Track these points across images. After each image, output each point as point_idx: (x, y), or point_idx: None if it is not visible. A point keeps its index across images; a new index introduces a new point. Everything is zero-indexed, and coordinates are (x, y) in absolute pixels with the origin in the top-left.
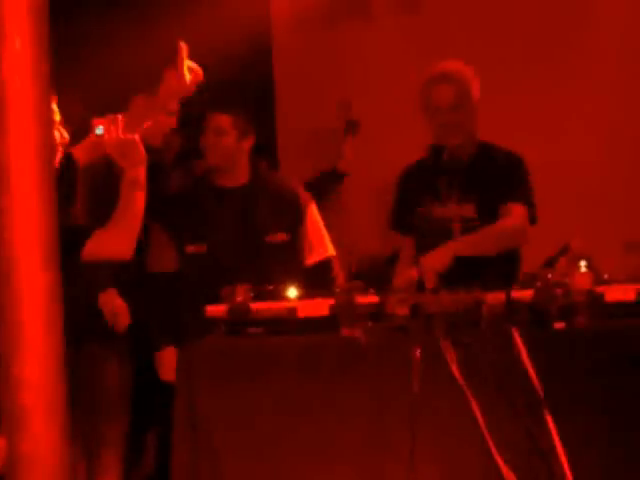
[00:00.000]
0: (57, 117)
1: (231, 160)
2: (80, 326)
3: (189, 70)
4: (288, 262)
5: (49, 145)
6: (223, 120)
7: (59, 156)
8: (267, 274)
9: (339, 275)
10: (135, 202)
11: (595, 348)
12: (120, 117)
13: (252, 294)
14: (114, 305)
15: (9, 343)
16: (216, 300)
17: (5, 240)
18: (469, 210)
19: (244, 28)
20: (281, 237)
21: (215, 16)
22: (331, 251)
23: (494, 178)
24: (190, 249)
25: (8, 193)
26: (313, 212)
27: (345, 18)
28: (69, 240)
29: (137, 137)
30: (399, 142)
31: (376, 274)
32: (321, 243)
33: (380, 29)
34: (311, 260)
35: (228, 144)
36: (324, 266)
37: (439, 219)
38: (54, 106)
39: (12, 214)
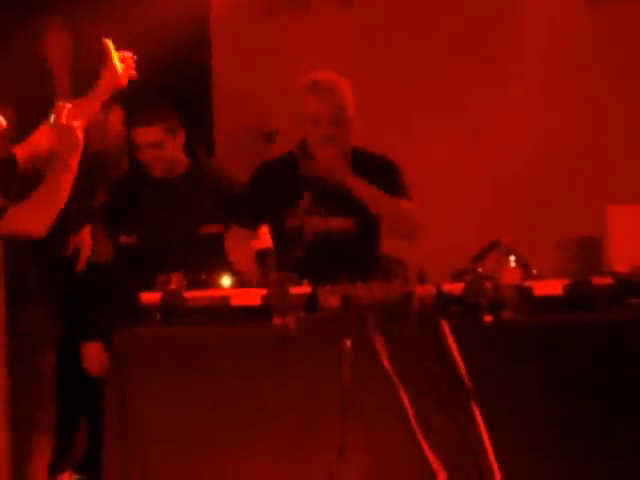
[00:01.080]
0: None
1: (171, 163)
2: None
3: (121, 61)
4: (222, 254)
5: None
6: (155, 132)
7: None
8: (200, 266)
9: (272, 267)
10: (60, 183)
11: (523, 341)
12: (67, 105)
13: (186, 282)
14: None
15: None
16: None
17: None
18: (344, 221)
19: (182, 18)
20: (216, 228)
21: (154, 6)
22: (268, 243)
23: (373, 182)
24: (123, 240)
25: None
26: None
27: (283, 9)
28: None
29: (77, 124)
30: None
31: None
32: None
33: (317, 21)
34: None
35: (168, 153)
36: (261, 256)
37: (312, 230)
38: None
39: None
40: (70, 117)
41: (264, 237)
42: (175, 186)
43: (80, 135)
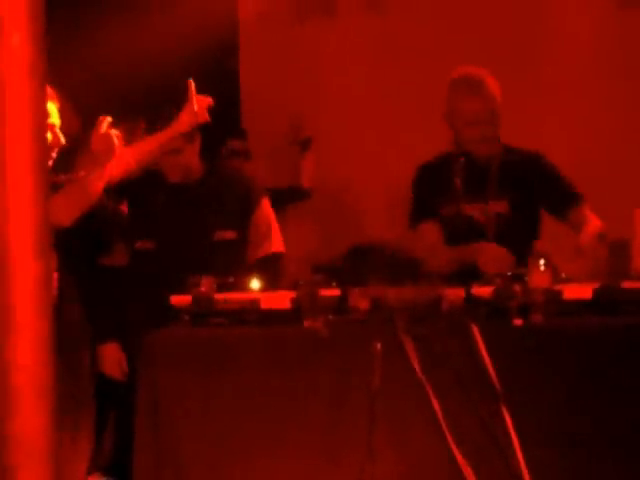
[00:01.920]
0: (55, 120)
1: (188, 168)
2: None
3: (199, 102)
4: (236, 259)
5: (44, 141)
6: (177, 139)
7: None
8: (215, 272)
9: (287, 272)
10: (93, 182)
11: (553, 344)
12: (108, 118)
13: (216, 285)
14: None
15: (1, 327)
16: (163, 298)
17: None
18: (502, 207)
19: (211, 24)
20: (230, 235)
21: (183, 12)
22: (280, 247)
23: (524, 178)
24: (138, 245)
25: (3, 186)
26: (264, 206)
27: (311, 15)
28: None
29: (117, 133)
30: (364, 140)
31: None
32: (269, 238)
33: (345, 27)
34: (258, 254)
35: (186, 160)
36: (271, 260)
37: (469, 217)
38: (53, 108)
39: (7, 206)
40: (109, 128)
41: (277, 241)
42: (190, 192)
43: (117, 143)
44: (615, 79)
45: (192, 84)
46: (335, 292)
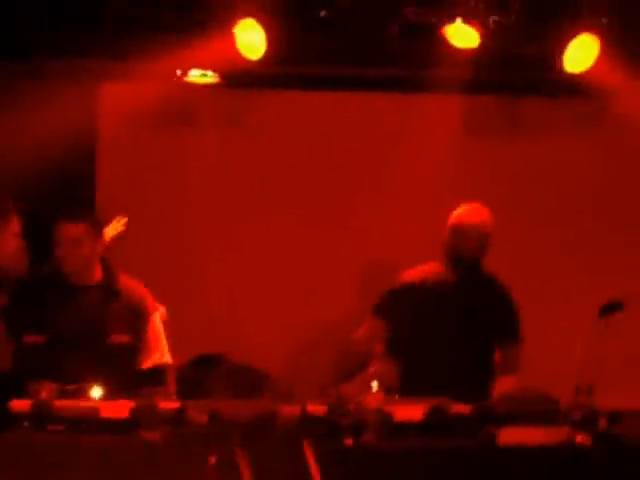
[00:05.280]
0: None
1: (87, 266)
2: None
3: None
4: (127, 363)
5: None
6: (79, 230)
7: None
8: (106, 373)
9: (171, 383)
10: None
11: (382, 465)
12: None
13: (58, 391)
14: None
15: None
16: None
17: None
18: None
19: (70, 129)
20: (123, 339)
21: (42, 118)
22: (167, 359)
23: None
24: (29, 339)
25: None
26: (156, 320)
27: (172, 124)
28: None
29: None
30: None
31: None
32: (159, 350)
33: (204, 139)
34: (146, 364)
35: (86, 253)
36: (158, 372)
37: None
38: None
39: None
40: None
41: (166, 353)
42: (87, 294)
43: None
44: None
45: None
46: (174, 404)
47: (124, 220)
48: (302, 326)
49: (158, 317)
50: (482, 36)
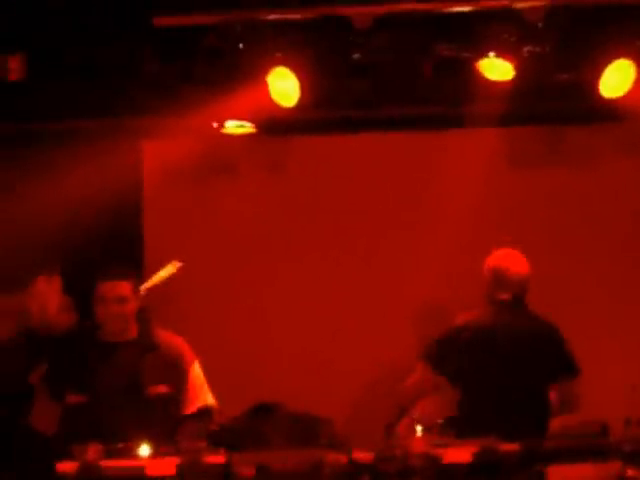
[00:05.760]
0: None
1: (128, 323)
2: None
3: None
4: (169, 413)
5: None
6: (125, 288)
7: None
8: (148, 425)
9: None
10: None
11: None
12: None
13: (104, 452)
14: None
15: None
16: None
17: None
18: None
19: (115, 183)
20: (162, 389)
21: (88, 171)
22: (211, 401)
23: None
24: (71, 399)
25: None
26: (195, 369)
27: (213, 175)
28: None
29: None
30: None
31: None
32: (201, 396)
33: (246, 186)
34: (190, 409)
35: (131, 311)
36: (203, 413)
37: None
38: None
39: None
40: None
41: (209, 396)
42: (125, 348)
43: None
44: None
45: None
46: (220, 459)
47: (179, 265)
48: (354, 370)
49: (197, 366)
50: (516, 68)
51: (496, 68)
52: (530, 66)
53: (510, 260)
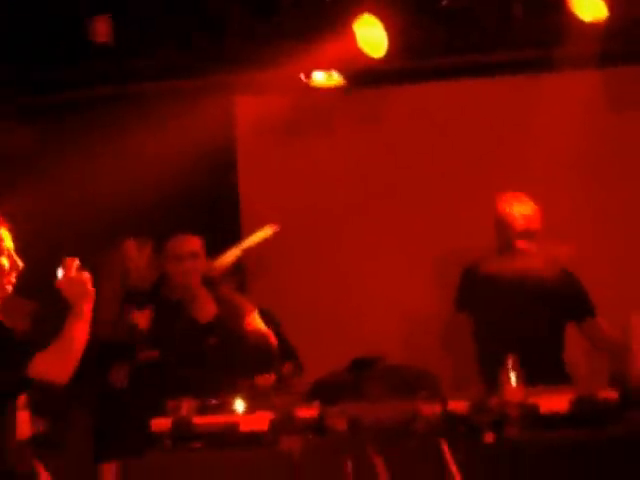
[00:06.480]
0: (9, 244)
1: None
2: None
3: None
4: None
5: None
6: (196, 242)
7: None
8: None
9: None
10: (76, 332)
11: (526, 459)
12: (75, 260)
13: (198, 408)
14: None
15: None
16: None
17: None
18: None
19: (209, 140)
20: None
21: (180, 129)
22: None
23: None
24: (143, 356)
25: None
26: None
27: (305, 129)
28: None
29: (87, 275)
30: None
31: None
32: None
33: (340, 139)
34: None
35: (202, 265)
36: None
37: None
38: (5, 233)
39: None
40: (78, 270)
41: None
42: (208, 331)
43: (90, 285)
44: (605, 181)
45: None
46: (312, 412)
47: (274, 228)
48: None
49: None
50: (610, 6)
51: (590, 6)
52: (624, 3)
53: (517, 203)
